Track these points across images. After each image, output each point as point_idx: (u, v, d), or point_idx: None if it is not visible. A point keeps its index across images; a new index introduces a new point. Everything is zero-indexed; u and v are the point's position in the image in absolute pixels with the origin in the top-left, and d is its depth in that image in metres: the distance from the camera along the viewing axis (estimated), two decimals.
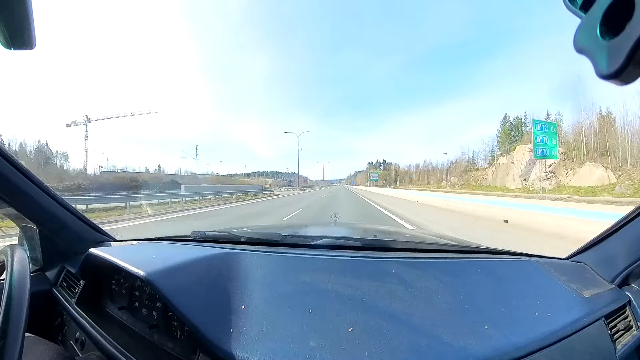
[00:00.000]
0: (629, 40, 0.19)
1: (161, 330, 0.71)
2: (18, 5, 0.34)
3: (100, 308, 0.89)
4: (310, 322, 0.55)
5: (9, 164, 0.80)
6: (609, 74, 0.20)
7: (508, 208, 7.02)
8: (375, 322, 0.54)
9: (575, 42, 0.23)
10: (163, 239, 1.16)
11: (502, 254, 0.91)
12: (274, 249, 0.92)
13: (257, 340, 0.52)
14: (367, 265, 0.78)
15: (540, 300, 0.63)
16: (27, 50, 0.38)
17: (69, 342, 0.88)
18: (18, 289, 0.49)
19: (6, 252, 0.57)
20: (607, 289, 0.72)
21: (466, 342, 0.49)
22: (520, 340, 0.51)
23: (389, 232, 1.49)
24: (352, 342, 0.50)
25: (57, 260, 1.06)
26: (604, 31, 0.21)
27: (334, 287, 0.65)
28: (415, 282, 0.68)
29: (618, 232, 0.77)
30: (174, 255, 0.80)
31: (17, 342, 0.44)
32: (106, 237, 1.20)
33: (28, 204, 0.90)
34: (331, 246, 0.91)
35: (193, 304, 0.59)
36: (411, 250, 0.92)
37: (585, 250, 0.88)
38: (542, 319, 0.57)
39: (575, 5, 0.26)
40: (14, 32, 0.36)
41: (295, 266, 0.78)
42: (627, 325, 0.65)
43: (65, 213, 1.02)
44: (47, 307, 0.99)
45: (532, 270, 0.78)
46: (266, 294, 0.65)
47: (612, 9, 0.21)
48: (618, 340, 0.62)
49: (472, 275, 0.73)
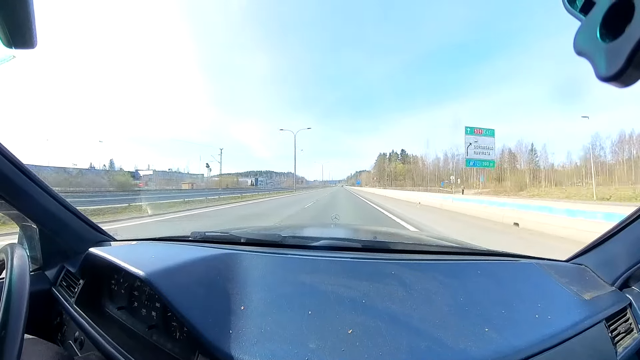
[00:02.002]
0: (628, 43, 0.19)
1: (160, 330, 0.70)
2: (19, 3, 0.34)
3: (100, 308, 0.89)
4: (309, 323, 0.55)
5: (10, 162, 0.80)
6: (608, 76, 0.20)
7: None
8: (375, 324, 0.54)
9: (575, 44, 0.23)
10: (163, 239, 1.16)
11: (502, 256, 0.91)
12: (273, 249, 0.91)
13: (256, 341, 0.52)
14: (367, 266, 0.78)
15: (541, 303, 0.63)
16: (28, 50, 0.38)
17: (68, 341, 0.88)
18: (18, 288, 0.49)
19: (6, 251, 0.57)
20: (608, 292, 0.72)
21: (466, 344, 0.49)
22: (521, 343, 0.51)
23: (389, 233, 1.49)
24: (352, 344, 0.50)
25: (57, 260, 1.06)
26: (603, 34, 0.21)
27: (333, 288, 0.65)
28: (415, 284, 0.67)
29: (618, 234, 0.77)
30: (173, 255, 0.80)
31: (16, 341, 0.44)
32: (106, 236, 1.20)
33: (28, 203, 0.90)
34: (331, 247, 0.91)
35: (192, 305, 0.59)
36: (411, 252, 0.92)
37: (586, 252, 0.88)
38: (542, 322, 0.57)
39: (575, 7, 0.26)
40: (15, 31, 0.36)
41: (295, 267, 0.78)
42: (628, 328, 0.65)
43: (65, 212, 1.02)
44: (46, 306, 0.99)
45: (533, 273, 0.78)
46: (266, 295, 0.65)
47: (612, 11, 0.21)
48: (619, 343, 0.61)
49: (472, 277, 0.73)
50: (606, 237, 0.81)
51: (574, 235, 4.87)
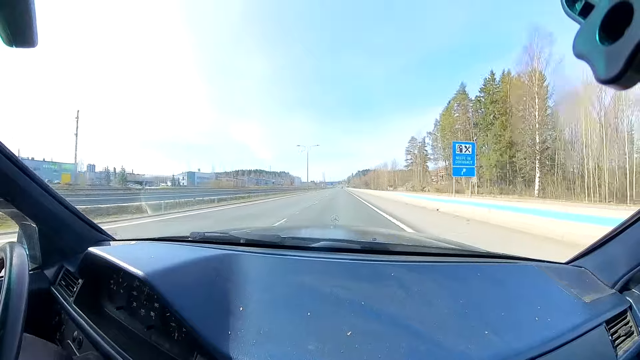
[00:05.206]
0: (628, 46, 0.19)
1: (159, 330, 0.70)
2: (20, 2, 0.34)
3: (99, 307, 0.89)
4: (308, 325, 0.55)
5: (10, 161, 0.80)
6: (608, 79, 0.20)
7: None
8: (374, 326, 0.54)
9: (574, 47, 0.23)
10: (162, 239, 1.16)
11: (502, 258, 0.91)
12: (273, 250, 0.91)
13: (254, 342, 0.51)
14: (366, 268, 0.78)
15: (541, 305, 0.63)
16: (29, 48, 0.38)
17: (67, 341, 0.88)
18: (17, 287, 0.49)
19: (5, 250, 0.57)
20: (608, 294, 0.72)
21: (466, 347, 0.49)
22: (521, 346, 0.51)
23: (388, 235, 1.49)
24: (351, 345, 0.49)
25: (56, 259, 1.05)
26: (602, 36, 0.21)
27: (332, 290, 0.65)
28: (414, 285, 0.67)
29: (618, 237, 0.77)
30: (172, 255, 0.80)
31: (15, 339, 0.44)
32: (105, 236, 1.20)
33: (28, 202, 0.90)
34: (330, 249, 0.91)
35: (191, 305, 0.59)
36: (411, 253, 0.92)
37: (586, 254, 0.87)
38: (542, 324, 0.57)
39: (574, 10, 0.27)
40: (15, 30, 0.36)
41: (294, 268, 0.78)
42: (629, 331, 0.64)
43: (64, 212, 1.02)
44: (45, 305, 0.99)
45: (533, 275, 0.78)
46: (264, 296, 0.65)
47: (611, 14, 0.21)
48: (619, 346, 0.61)
49: (472, 279, 0.73)
50: (606, 239, 0.81)
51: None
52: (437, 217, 9.61)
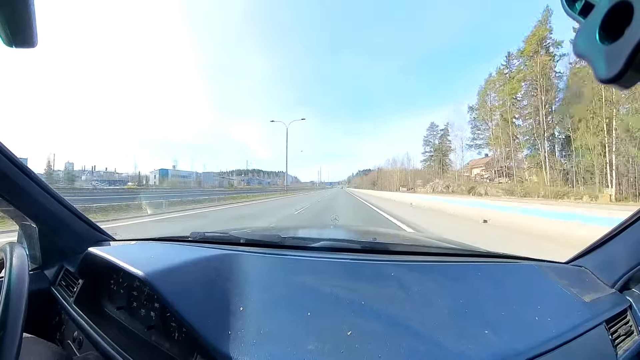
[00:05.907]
0: (628, 45, 0.19)
1: (159, 330, 0.70)
2: (20, 3, 0.34)
3: (99, 308, 0.89)
4: (308, 324, 0.55)
5: (9, 161, 0.80)
6: (608, 78, 0.20)
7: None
8: (374, 326, 0.54)
9: (574, 46, 0.23)
10: (162, 239, 1.16)
11: (502, 258, 0.91)
12: (273, 250, 0.91)
13: (254, 342, 0.51)
14: (367, 268, 0.78)
15: (541, 305, 0.63)
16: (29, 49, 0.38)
17: (67, 341, 0.88)
18: (17, 287, 0.49)
19: (5, 250, 0.57)
20: (608, 294, 0.72)
21: (466, 346, 0.49)
22: (521, 345, 0.51)
23: (388, 235, 1.49)
24: (351, 345, 0.49)
25: (56, 259, 1.05)
26: (603, 36, 0.21)
27: (332, 289, 0.65)
28: (414, 285, 0.67)
29: (618, 236, 0.77)
30: (172, 255, 0.80)
31: (15, 339, 0.44)
32: (105, 236, 1.20)
33: (28, 202, 0.90)
34: (330, 248, 0.91)
35: (191, 305, 0.59)
36: (411, 253, 0.92)
37: (586, 254, 0.88)
38: (542, 324, 0.57)
39: (575, 10, 0.27)
40: (15, 30, 0.36)
41: (294, 268, 0.78)
42: (628, 331, 0.64)
43: (64, 212, 1.02)
44: (45, 305, 0.99)
45: (533, 275, 0.78)
46: (265, 296, 0.65)
47: (611, 14, 0.21)
48: (619, 345, 0.61)
49: (472, 279, 0.73)
50: (606, 239, 0.81)
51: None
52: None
